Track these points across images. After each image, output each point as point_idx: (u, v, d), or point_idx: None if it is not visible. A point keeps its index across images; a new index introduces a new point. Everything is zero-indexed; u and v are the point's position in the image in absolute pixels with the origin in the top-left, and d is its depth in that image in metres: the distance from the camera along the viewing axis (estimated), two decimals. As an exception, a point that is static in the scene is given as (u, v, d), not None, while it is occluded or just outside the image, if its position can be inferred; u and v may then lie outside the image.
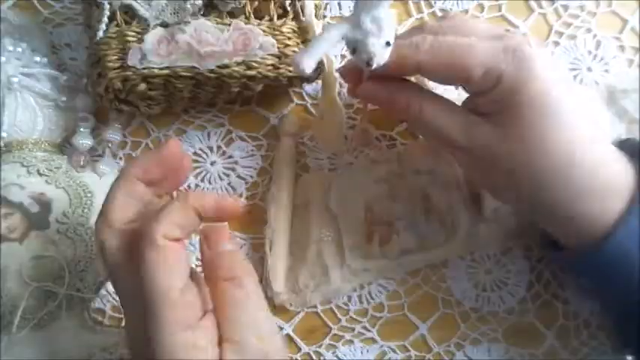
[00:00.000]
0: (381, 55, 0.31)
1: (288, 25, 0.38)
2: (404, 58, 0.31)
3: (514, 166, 0.31)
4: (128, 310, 0.29)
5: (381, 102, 0.35)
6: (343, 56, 0.42)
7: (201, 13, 0.37)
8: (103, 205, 0.30)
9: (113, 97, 0.38)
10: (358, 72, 0.34)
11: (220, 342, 0.27)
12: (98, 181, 0.40)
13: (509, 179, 0.32)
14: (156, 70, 0.36)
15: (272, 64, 0.37)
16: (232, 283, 0.28)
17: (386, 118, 0.41)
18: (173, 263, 0.27)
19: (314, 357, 0.41)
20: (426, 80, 0.39)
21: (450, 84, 0.33)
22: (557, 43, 0.42)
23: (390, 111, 0.35)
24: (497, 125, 0.31)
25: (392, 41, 0.31)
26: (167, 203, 0.28)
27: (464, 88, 0.33)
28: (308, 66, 0.29)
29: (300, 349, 0.41)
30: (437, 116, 0.32)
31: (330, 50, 0.30)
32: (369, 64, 0.31)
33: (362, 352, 0.40)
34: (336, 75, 0.42)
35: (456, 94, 0.37)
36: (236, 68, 0.37)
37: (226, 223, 0.31)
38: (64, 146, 0.42)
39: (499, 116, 0.31)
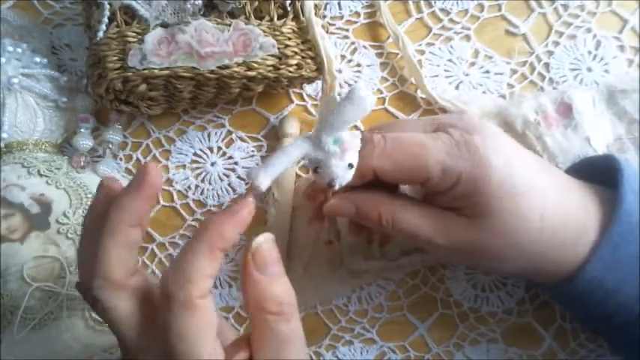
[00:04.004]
0: (343, 177, 0.30)
1: (289, 26, 0.38)
2: (359, 167, 0.31)
3: (496, 251, 0.31)
4: None
5: (352, 217, 0.33)
6: (343, 56, 0.42)
7: (202, 13, 0.37)
8: (93, 266, 0.26)
9: (113, 98, 0.38)
10: (321, 191, 0.33)
11: None
12: (98, 182, 0.40)
13: (492, 261, 0.32)
14: (156, 71, 0.36)
15: (272, 65, 0.37)
16: (280, 318, 0.26)
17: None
18: (209, 325, 0.25)
19: (314, 357, 0.41)
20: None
21: (409, 184, 0.32)
22: (557, 43, 0.42)
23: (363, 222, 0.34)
24: (471, 217, 0.31)
25: (355, 163, 0.30)
26: (187, 249, 0.25)
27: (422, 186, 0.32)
28: (264, 184, 0.28)
29: (299, 349, 0.41)
30: (411, 223, 0.32)
31: (288, 167, 0.30)
32: (330, 185, 0.30)
33: (361, 353, 0.40)
34: (336, 75, 0.41)
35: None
36: (236, 69, 0.37)
37: (273, 237, 0.27)
38: (65, 147, 0.42)
39: (469, 209, 0.31)
